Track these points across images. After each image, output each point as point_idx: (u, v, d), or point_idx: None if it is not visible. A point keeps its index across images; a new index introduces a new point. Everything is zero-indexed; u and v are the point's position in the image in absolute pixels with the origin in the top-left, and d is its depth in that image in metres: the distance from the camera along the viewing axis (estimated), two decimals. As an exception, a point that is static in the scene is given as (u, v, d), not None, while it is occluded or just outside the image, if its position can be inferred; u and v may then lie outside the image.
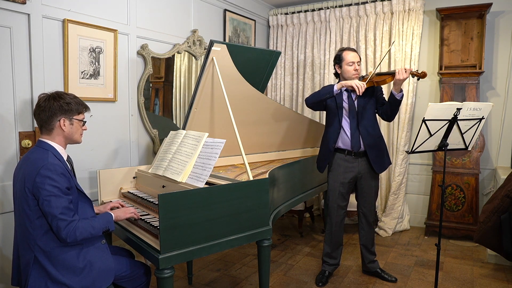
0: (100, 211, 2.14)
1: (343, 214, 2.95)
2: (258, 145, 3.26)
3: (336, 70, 2.86)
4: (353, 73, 2.76)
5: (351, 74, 2.76)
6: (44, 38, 2.43)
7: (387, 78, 2.65)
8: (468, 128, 2.37)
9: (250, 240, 2.12)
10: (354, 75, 2.76)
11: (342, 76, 2.84)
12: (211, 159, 2.08)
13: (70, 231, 1.63)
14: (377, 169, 2.85)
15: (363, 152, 2.82)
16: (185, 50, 3.50)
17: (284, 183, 2.77)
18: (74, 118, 1.81)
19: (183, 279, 2.98)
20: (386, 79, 2.66)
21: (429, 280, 2.97)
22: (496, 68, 3.90)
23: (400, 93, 2.64)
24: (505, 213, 2.80)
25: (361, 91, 2.56)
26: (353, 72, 2.76)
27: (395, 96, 2.64)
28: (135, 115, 3.11)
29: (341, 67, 2.80)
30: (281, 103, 4.67)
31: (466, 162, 3.85)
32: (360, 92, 2.56)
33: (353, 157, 2.83)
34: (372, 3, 4.17)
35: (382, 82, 2.68)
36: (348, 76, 2.77)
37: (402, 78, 2.55)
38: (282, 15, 4.73)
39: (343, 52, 2.81)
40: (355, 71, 2.76)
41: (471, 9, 3.73)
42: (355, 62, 2.76)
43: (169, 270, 1.76)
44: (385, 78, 2.66)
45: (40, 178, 1.62)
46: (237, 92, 2.70)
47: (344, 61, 2.78)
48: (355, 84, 2.58)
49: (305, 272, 3.15)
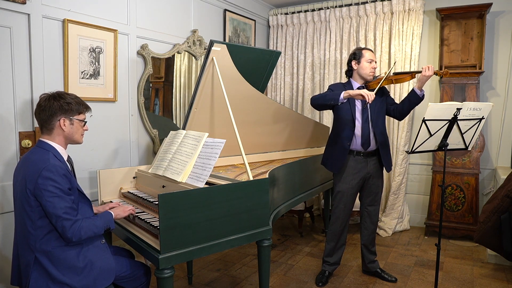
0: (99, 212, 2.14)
1: (349, 215, 2.96)
2: (258, 145, 3.26)
3: (352, 66, 2.83)
4: (370, 71, 2.77)
5: (368, 71, 2.77)
6: (44, 38, 2.43)
7: (406, 77, 2.67)
8: (468, 128, 2.37)
9: (250, 240, 2.12)
10: (371, 73, 2.77)
11: (358, 72, 2.81)
12: (211, 159, 2.08)
13: (75, 231, 1.64)
14: (387, 167, 2.87)
15: (373, 152, 2.83)
16: (185, 50, 3.50)
17: (284, 183, 2.77)
18: (74, 118, 1.81)
19: (183, 279, 2.98)
20: (405, 77, 2.68)
21: (429, 280, 2.97)
22: (496, 68, 3.90)
23: (422, 92, 2.65)
24: (505, 213, 2.80)
25: (370, 100, 2.46)
26: (370, 70, 2.77)
27: (417, 94, 2.65)
28: (135, 115, 3.11)
29: (359, 63, 2.79)
30: (281, 103, 4.67)
31: (466, 162, 3.85)
32: (370, 101, 2.47)
33: (362, 158, 2.82)
34: (372, 3, 4.17)
35: (401, 80, 2.70)
36: (364, 73, 2.78)
37: (428, 75, 2.55)
38: (282, 15, 4.73)
39: (363, 50, 2.82)
40: (373, 69, 2.78)
41: (471, 9, 3.73)
42: (374, 61, 2.79)
43: (169, 270, 1.76)
44: (404, 77, 2.68)
45: (42, 179, 1.62)
46: (237, 92, 2.70)
47: (363, 57, 2.78)
48: (364, 93, 2.48)
49: (305, 272, 3.15)
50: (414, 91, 2.66)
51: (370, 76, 2.78)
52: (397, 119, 2.89)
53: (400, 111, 2.81)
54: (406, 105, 2.74)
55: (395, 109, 2.84)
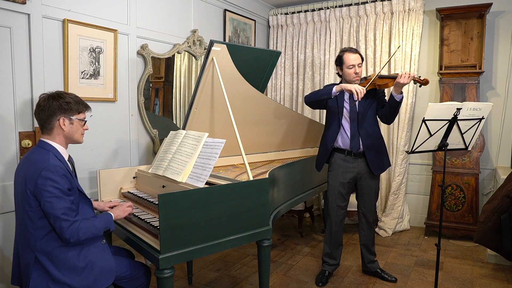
0: (99, 206, 2.14)
1: (343, 214, 2.95)
2: (258, 145, 3.26)
3: (338, 71, 2.84)
4: (353, 76, 2.71)
5: (352, 77, 2.72)
6: (44, 38, 2.43)
7: (389, 82, 2.62)
8: (468, 128, 2.37)
9: (250, 240, 2.12)
10: (355, 78, 2.72)
11: (343, 78, 2.81)
12: (211, 159, 2.08)
13: (73, 232, 1.64)
14: (375, 170, 2.83)
15: (363, 152, 2.81)
16: (185, 50, 3.50)
17: (284, 183, 2.77)
18: (74, 117, 1.80)
19: (183, 279, 2.98)
20: (388, 83, 2.63)
21: (429, 280, 2.97)
22: (496, 68, 3.90)
23: (399, 95, 2.60)
24: (505, 213, 2.80)
25: (360, 97, 2.50)
26: (353, 76, 2.71)
27: (395, 98, 2.61)
28: (135, 115, 3.11)
29: (342, 69, 2.76)
30: (281, 103, 4.68)
31: (466, 162, 3.85)
32: (359, 98, 2.50)
33: (352, 158, 2.82)
34: (372, 3, 4.17)
35: (384, 85, 2.65)
36: (348, 79, 2.74)
37: (403, 82, 2.52)
38: (282, 15, 4.73)
39: (344, 54, 2.75)
40: (356, 74, 2.71)
41: (471, 9, 3.73)
42: (356, 65, 2.70)
43: (169, 270, 1.76)
44: (387, 82, 2.63)
45: (42, 179, 1.62)
46: (237, 92, 2.70)
47: (344, 64, 2.73)
48: (354, 88, 2.52)
49: (305, 272, 3.15)
50: (391, 95, 2.62)
51: (355, 81, 2.73)
52: (385, 123, 2.84)
53: (385, 115, 2.78)
54: (387, 109, 2.71)
55: (382, 114, 2.81)
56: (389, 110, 2.70)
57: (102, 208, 2.16)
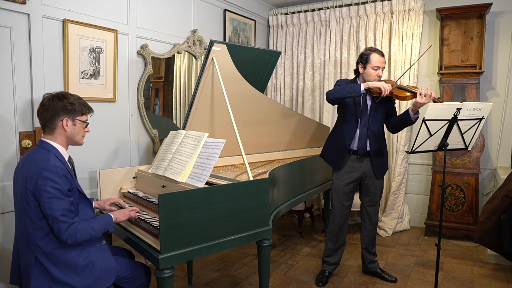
0: (100, 206, 2.15)
1: (347, 214, 2.95)
2: (258, 145, 3.26)
3: (359, 69, 2.77)
4: (374, 78, 2.69)
5: (372, 79, 2.69)
6: (44, 38, 2.43)
7: (407, 96, 2.59)
8: (468, 128, 2.37)
9: (250, 240, 2.12)
10: (375, 80, 2.69)
11: (362, 77, 2.76)
12: (211, 159, 2.08)
13: (71, 233, 1.63)
14: (378, 174, 2.85)
15: (368, 153, 2.82)
16: (185, 50, 3.50)
17: (284, 183, 2.77)
18: (77, 118, 1.81)
19: (183, 279, 2.98)
20: (406, 97, 2.59)
21: (429, 280, 2.97)
22: (496, 68, 3.90)
23: (416, 115, 2.59)
24: (505, 213, 2.80)
25: (385, 93, 2.50)
26: (374, 77, 2.68)
27: (410, 117, 2.59)
28: (135, 115, 3.11)
29: (365, 68, 2.71)
30: (281, 103, 4.68)
31: (466, 162, 3.85)
32: (384, 94, 2.50)
33: (358, 157, 2.82)
34: (372, 3, 4.17)
35: (401, 98, 2.62)
36: (368, 79, 2.70)
37: (423, 102, 2.47)
38: (282, 15, 4.73)
39: (372, 53, 2.69)
40: (377, 77, 2.69)
41: (471, 9, 3.73)
42: (380, 68, 2.68)
43: (169, 270, 1.76)
44: (405, 95, 2.59)
45: (42, 180, 1.62)
46: (237, 92, 2.70)
47: (369, 63, 2.68)
48: (382, 85, 2.50)
49: (305, 272, 3.15)
50: (408, 111, 2.61)
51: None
52: (390, 131, 2.86)
53: (393, 125, 2.79)
54: (399, 122, 2.72)
55: (390, 122, 2.81)
56: (401, 124, 2.71)
57: (103, 207, 2.16)
